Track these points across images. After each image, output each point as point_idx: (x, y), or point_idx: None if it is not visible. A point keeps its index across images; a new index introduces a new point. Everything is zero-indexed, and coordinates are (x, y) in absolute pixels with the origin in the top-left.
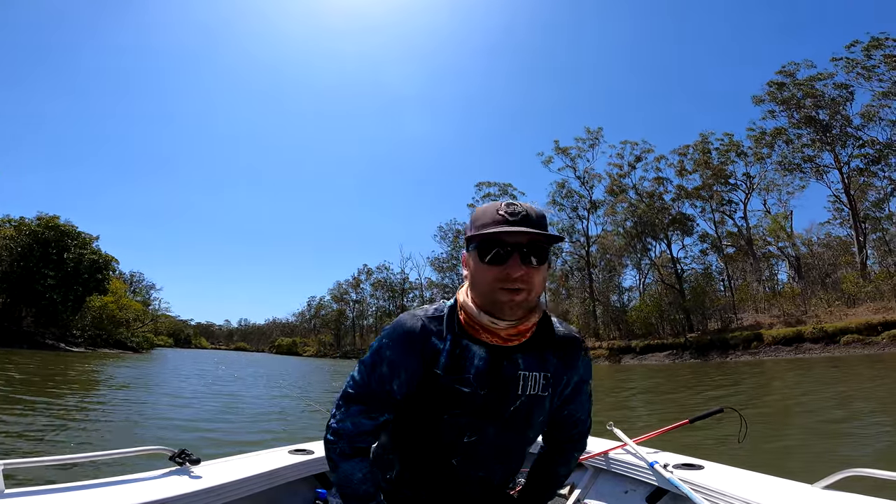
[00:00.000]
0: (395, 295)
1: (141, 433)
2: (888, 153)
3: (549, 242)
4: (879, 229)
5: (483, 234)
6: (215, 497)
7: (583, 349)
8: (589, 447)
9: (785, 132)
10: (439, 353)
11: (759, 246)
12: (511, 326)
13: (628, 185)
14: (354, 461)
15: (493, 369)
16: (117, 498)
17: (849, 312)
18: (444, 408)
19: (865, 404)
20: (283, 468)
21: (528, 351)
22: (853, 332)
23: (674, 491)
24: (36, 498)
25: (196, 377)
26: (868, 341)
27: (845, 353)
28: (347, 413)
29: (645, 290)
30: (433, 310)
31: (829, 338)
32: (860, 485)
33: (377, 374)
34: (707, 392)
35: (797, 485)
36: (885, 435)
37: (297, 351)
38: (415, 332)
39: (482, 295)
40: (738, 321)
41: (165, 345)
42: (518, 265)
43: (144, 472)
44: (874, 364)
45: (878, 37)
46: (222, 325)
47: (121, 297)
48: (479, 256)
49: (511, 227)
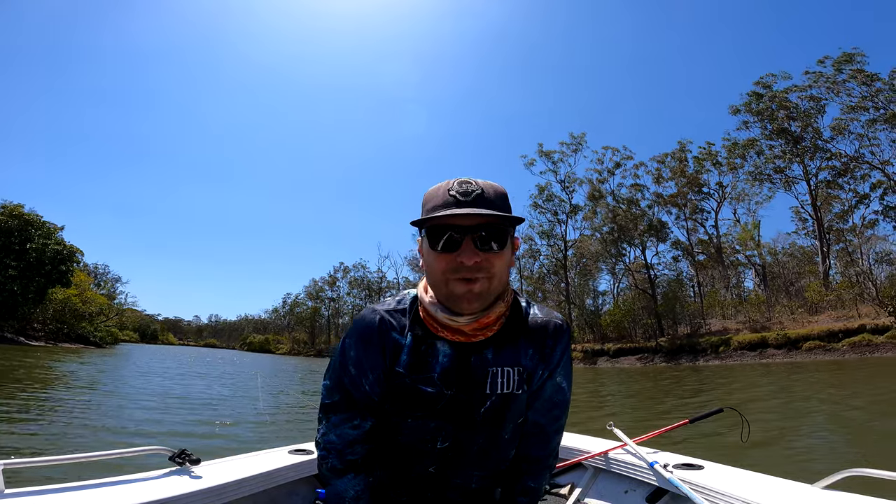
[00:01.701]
0: (371, 294)
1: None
2: (854, 166)
3: (509, 224)
4: (843, 240)
5: (431, 219)
6: (215, 497)
7: (561, 337)
8: (589, 447)
9: (757, 143)
10: (401, 349)
11: (728, 254)
12: (473, 320)
13: (606, 190)
14: (347, 478)
15: (460, 367)
16: (117, 498)
17: (811, 320)
18: (407, 410)
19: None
20: (282, 468)
21: (500, 344)
22: (815, 338)
23: (674, 491)
24: (36, 498)
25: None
26: (829, 348)
27: (807, 358)
28: (329, 424)
29: (619, 294)
30: (395, 302)
31: (792, 344)
32: (860, 485)
33: (348, 377)
34: (701, 396)
35: (797, 485)
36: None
37: (269, 348)
38: (373, 326)
39: (436, 286)
40: (706, 326)
41: (131, 340)
42: (472, 251)
43: (144, 473)
44: (834, 371)
45: (849, 52)
46: (191, 321)
47: (85, 290)
48: (430, 243)
49: (462, 208)
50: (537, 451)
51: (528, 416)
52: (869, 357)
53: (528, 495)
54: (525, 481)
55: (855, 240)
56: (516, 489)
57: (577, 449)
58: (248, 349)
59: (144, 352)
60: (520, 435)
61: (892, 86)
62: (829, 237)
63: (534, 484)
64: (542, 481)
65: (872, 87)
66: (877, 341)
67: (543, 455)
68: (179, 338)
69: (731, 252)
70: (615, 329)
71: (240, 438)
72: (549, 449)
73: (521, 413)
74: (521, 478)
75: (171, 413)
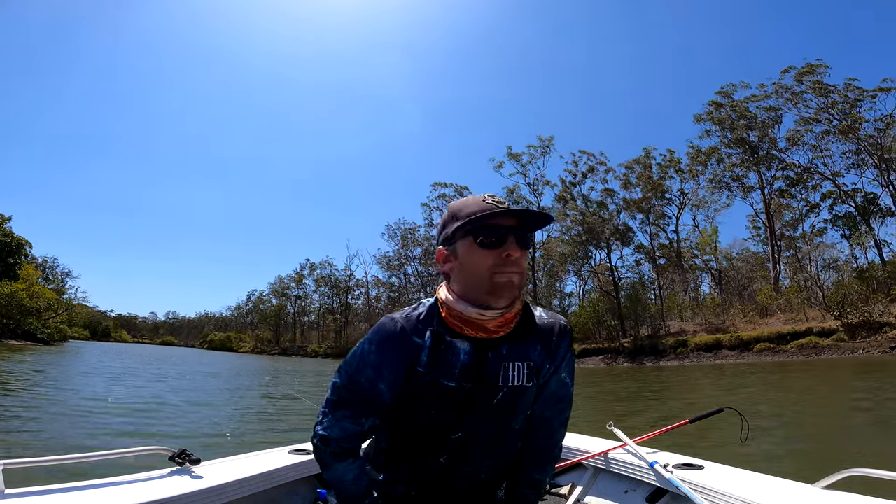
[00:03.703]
0: (339, 292)
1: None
2: (807, 176)
3: (541, 224)
4: (793, 247)
5: (479, 218)
6: (215, 497)
7: (566, 336)
8: (589, 447)
9: (718, 151)
10: (420, 350)
11: (687, 258)
12: (499, 316)
13: (578, 193)
14: (346, 462)
15: (479, 362)
16: (117, 498)
17: (762, 323)
18: (428, 404)
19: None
20: (283, 468)
21: (514, 340)
22: (765, 340)
23: (674, 491)
24: (36, 498)
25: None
26: (778, 349)
27: (757, 359)
28: (333, 419)
29: (585, 296)
30: (411, 310)
31: (745, 345)
32: (860, 485)
33: (364, 377)
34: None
35: (797, 485)
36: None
37: (231, 346)
38: (395, 333)
39: (477, 283)
40: (666, 328)
41: (80, 337)
42: (515, 246)
43: (144, 473)
44: (781, 370)
45: (812, 63)
46: (147, 318)
47: (33, 285)
48: (476, 241)
49: (508, 209)
50: (543, 443)
51: (535, 410)
52: (815, 359)
53: (533, 487)
54: (530, 473)
55: (804, 247)
56: (521, 481)
57: (577, 449)
58: (208, 347)
59: (93, 350)
60: (527, 427)
61: (847, 98)
62: (780, 244)
63: (539, 476)
64: (546, 474)
65: (829, 98)
66: (823, 343)
67: (549, 446)
68: (133, 335)
69: (690, 256)
70: (580, 330)
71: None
72: (554, 440)
73: (529, 405)
74: (526, 470)
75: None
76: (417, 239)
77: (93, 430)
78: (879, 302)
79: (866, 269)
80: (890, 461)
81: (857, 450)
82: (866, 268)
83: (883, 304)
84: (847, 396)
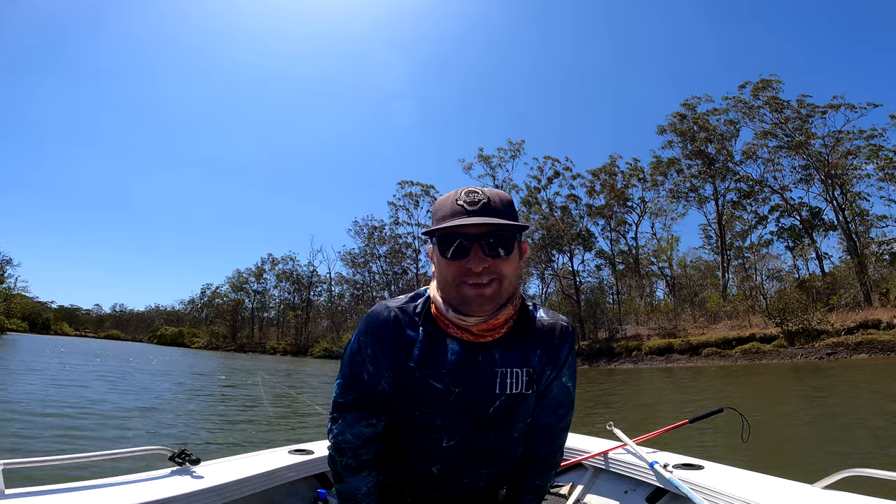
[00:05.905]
0: (301, 288)
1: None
2: (758, 189)
3: (515, 230)
4: (741, 257)
5: (441, 228)
6: (215, 497)
7: (567, 339)
8: (589, 447)
9: (678, 162)
10: (413, 344)
11: (644, 265)
12: (481, 322)
13: (543, 198)
14: (361, 475)
15: (467, 365)
16: (117, 498)
17: (710, 328)
18: (415, 405)
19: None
20: (283, 468)
21: (509, 345)
22: (713, 345)
23: (674, 491)
24: (36, 498)
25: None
26: (724, 354)
27: (705, 363)
28: (344, 423)
29: (546, 299)
30: (407, 298)
31: (694, 350)
32: (860, 485)
33: (367, 373)
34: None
35: (797, 485)
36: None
37: (184, 342)
38: (388, 323)
39: (447, 291)
40: (622, 331)
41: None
42: (480, 258)
43: (144, 473)
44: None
45: (767, 78)
46: (91, 310)
47: None
48: (440, 251)
49: (470, 217)
50: (544, 449)
51: (535, 416)
52: (757, 363)
53: (534, 493)
54: (531, 479)
55: (751, 257)
56: (522, 487)
57: (577, 449)
58: (158, 342)
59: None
60: (527, 433)
61: (800, 114)
62: (729, 253)
63: (540, 482)
64: (547, 479)
65: (782, 114)
66: (764, 349)
67: (549, 453)
68: (76, 328)
69: (647, 263)
70: None
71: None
72: (555, 447)
73: (529, 413)
74: (527, 476)
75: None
76: (384, 237)
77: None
78: (818, 311)
79: (807, 280)
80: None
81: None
82: (807, 278)
83: (821, 313)
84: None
